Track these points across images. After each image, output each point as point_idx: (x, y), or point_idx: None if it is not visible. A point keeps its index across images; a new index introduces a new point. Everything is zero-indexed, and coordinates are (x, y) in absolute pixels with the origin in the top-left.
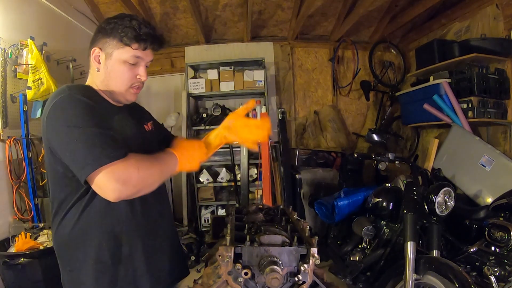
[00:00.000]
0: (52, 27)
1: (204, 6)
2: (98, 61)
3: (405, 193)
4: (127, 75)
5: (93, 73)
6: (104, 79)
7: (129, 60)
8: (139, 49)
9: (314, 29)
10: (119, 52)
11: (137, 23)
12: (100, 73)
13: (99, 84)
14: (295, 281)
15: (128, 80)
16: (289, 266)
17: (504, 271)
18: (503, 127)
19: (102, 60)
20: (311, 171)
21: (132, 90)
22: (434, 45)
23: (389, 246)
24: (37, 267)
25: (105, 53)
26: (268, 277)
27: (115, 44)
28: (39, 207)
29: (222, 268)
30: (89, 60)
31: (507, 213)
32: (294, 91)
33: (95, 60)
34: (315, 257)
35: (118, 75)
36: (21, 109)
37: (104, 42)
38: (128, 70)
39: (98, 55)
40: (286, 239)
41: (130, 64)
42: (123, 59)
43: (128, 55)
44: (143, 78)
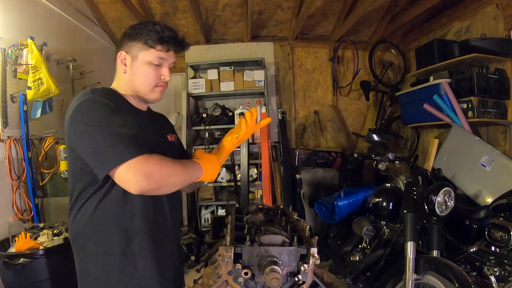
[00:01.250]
0: (52, 27)
1: (204, 6)
2: (124, 64)
3: (405, 193)
4: (152, 75)
5: (119, 76)
6: (131, 80)
7: (154, 61)
8: (163, 50)
9: (314, 29)
10: (144, 54)
11: (160, 27)
12: (127, 75)
13: (125, 86)
14: (295, 281)
15: (153, 80)
16: (289, 266)
17: (504, 271)
18: (503, 127)
19: (128, 62)
20: (311, 171)
21: (158, 88)
22: (434, 45)
23: (389, 246)
24: (37, 267)
25: (131, 56)
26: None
27: (140, 46)
28: (39, 207)
29: (222, 268)
30: (115, 64)
31: (507, 213)
32: (294, 91)
33: (121, 63)
34: (315, 257)
35: (143, 75)
36: (21, 109)
37: (129, 46)
38: (153, 70)
39: (125, 58)
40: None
41: (155, 65)
42: (148, 60)
43: (152, 56)
44: (167, 78)
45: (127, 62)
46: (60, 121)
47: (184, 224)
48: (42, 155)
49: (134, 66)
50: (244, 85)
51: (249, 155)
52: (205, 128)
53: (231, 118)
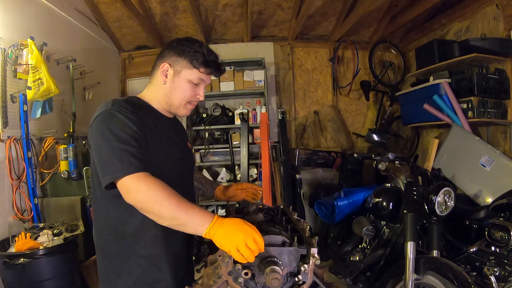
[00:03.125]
0: (52, 27)
1: (204, 6)
2: (165, 75)
3: (405, 193)
4: (189, 92)
5: (156, 85)
6: (169, 92)
7: (194, 80)
8: (205, 73)
9: (314, 29)
10: (187, 72)
11: (206, 50)
12: (166, 87)
13: (159, 97)
14: (295, 281)
15: (189, 97)
16: (289, 266)
17: (504, 271)
18: (503, 127)
19: (169, 75)
20: (311, 171)
21: (189, 105)
22: (434, 45)
23: (389, 246)
24: (37, 267)
25: (174, 70)
26: (268, 277)
27: (185, 64)
28: (39, 207)
29: (222, 269)
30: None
31: (507, 213)
32: (294, 91)
33: (163, 74)
34: (315, 257)
35: (181, 91)
36: (21, 109)
37: (174, 60)
38: (191, 88)
39: (167, 70)
40: (286, 239)
41: (194, 84)
42: (189, 79)
43: (194, 76)
44: (201, 98)
45: (168, 75)
46: (60, 121)
47: None
48: (42, 155)
49: (175, 80)
50: (244, 85)
51: (249, 155)
52: (205, 128)
53: (231, 118)
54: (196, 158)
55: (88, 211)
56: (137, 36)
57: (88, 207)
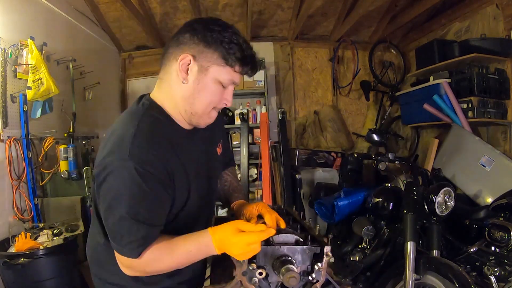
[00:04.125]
0: (52, 27)
1: (204, 6)
2: (186, 71)
3: (405, 193)
4: (218, 96)
5: (174, 85)
6: (191, 96)
7: (225, 81)
8: (240, 72)
9: (314, 29)
10: (218, 70)
11: (243, 41)
12: (187, 88)
13: (178, 101)
14: (309, 280)
15: (216, 102)
16: (302, 265)
17: (504, 271)
18: (503, 127)
19: (193, 72)
20: (311, 171)
21: (213, 112)
22: (434, 45)
23: (389, 246)
24: (37, 267)
25: (199, 65)
26: (286, 276)
27: (215, 59)
28: (39, 207)
29: (237, 269)
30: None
31: (507, 213)
32: (294, 91)
33: (182, 69)
34: (329, 255)
35: (208, 95)
36: (21, 109)
37: (200, 51)
38: (220, 91)
39: (188, 63)
40: (300, 238)
41: (222, 86)
42: (219, 79)
43: (227, 76)
44: (229, 104)
45: (191, 71)
46: (60, 121)
47: None
48: (42, 155)
49: (202, 80)
50: (244, 85)
51: (249, 155)
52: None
53: (231, 118)
54: None
55: (88, 211)
56: (137, 36)
57: (88, 207)
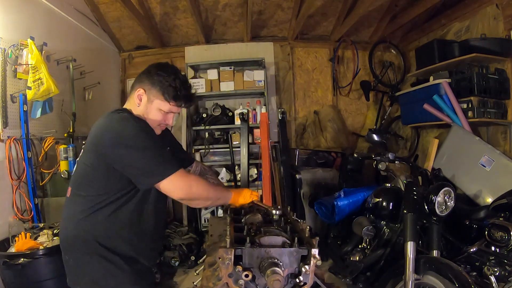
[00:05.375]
0: (52, 27)
1: (204, 6)
2: (139, 99)
3: (405, 193)
4: (159, 119)
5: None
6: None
7: (165, 110)
8: (175, 105)
9: (314, 29)
10: (159, 102)
11: (180, 83)
12: (140, 109)
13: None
14: (296, 282)
15: (158, 122)
16: (289, 267)
17: (504, 271)
18: (503, 127)
19: (143, 100)
20: (311, 171)
21: (159, 127)
22: (434, 45)
23: (389, 246)
24: (37, 267)
25: (147, 97)
26: (270, 279)
27: (157, 95)
28: (39, 207)
29: (222, 271)
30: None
31: (507, 213)
32: (294, 91)
33: (137, 98)
34: (316, 258)
35: (152, 117)
36: (21, 109)
37: (149, 88)
38: (161, 116)
39: (141, 95)
40: (287, 240)
41: (164, 112)
42: (160, 108)
43: (165, 107)
44: (170, 124)
45: (142, 100)
46: (60, 121)
47: (184, 224)
48: (42, 155)
49: (148, 107)
50: (244, 85)
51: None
52: (205, 128)
53: (231, 118)
54: (196, 158)
55: None
56: (137, 36)
57: None
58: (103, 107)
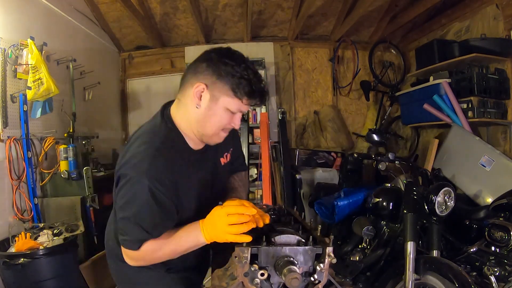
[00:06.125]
0: (52, 27)
1: (204, 6)
2: (199, 98)
3: (405, 193)
4: (226, 121)
5: (188, 106)
6: (202, 119)
7: (233, 110)
8: (248, 104)
9: (314, 29)
10: (227, 100)
11: (253, 75)
12: (199, 112)
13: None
14: (310, 280)
15: (224, 126)
16: (304, 265)
17: (504, 271)
18: (503, 127)
19: (205, 99)
20: (311, 171)
21: (223, 133)
22: (434, 45)
23: (389, 246)
24: (37, 267)
25: (211, 94)
26: (288, 277)
27: (226, 90)
28: (39, 207)
29: (238, 270)
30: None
31: (507, 213)
32: (294, 91)
33: (196, 96)
34: (331, 256)
35: (217, 120)
36: (21, 109)
37: (213, 82)
38: (228, 117)
39: (202, 91)
40: (301, 239)
41: (231, 112)
42: (228, 108)
43: (235, 106)
44: (236, 127)
45: (203, 98)
46: (60, 121)
47: None
48: (42, 155)
49: (212, 107)
50: None
51: (249, 155)
52: None
53: None
54: None
55: (88, 211)
56: (137, 36)
57: (88, 207)
58: (103, 107)
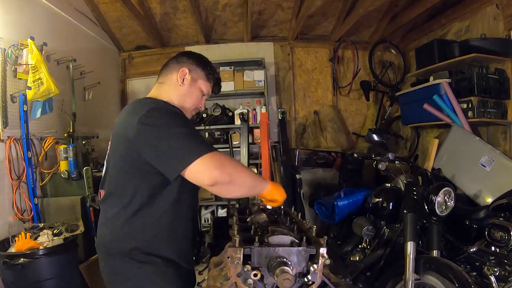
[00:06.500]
0: (52, 27)
1: (204, 6)
2: (182, 79)
3: (405, 193)
4: (199, 100)
5: (173, 86)
6: (184, 94)
7: (204, 91)
8: (211, 89)
9: (314, 29)
10: (202, 83)
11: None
12: (183, 88)
13: (176, 97)
14: (304, 281)
15: (196, 104)
16: (298, 266)
17: (504, 271)
18: (503, 127)
19: (187, 80)
20: (311, 171)
21: (193, 112)
22: (434, 45)
23: (389, 246)
24: (37, 267)
25: (191, 77)
26: (280, 278)
27: (202, 76)
28: (39, 207)
29: (231, 270)
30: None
31: (507, 213)
32: (294, 91)
33: (180, 77)
34: (325, 257)
35: (194, 97)
36: (21, 109)
37: (193, 69)
38: (200, 97)
39: (185, 74)
40: (295, 239)
41: (202, 94)
42: (201, 89)
43: (205, 88)
44: (202, 108)
45: (186, 79)
46: (60, 121)
47: None
48: (42, 155)
49: (192, 86)
50: (244, 85)
51: (249, 155)
52: (205, 128)
53: (231, 118)
54: None
55: (88, 211)
56: (137, 36)
57: (88, 207)
58: (103, 107)
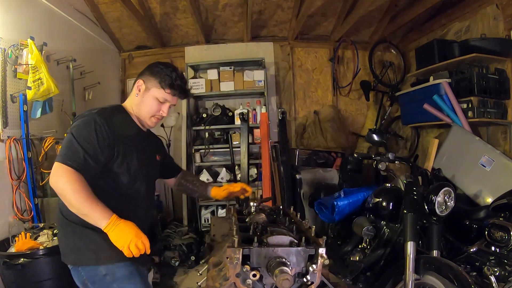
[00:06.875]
0: (52, 27)
1: (204, 6)
2: (138, 89)
3: (405, 193)
4: (154, 108)
5: (132, 96)
6: (138, 104)
7: (159, 98)
8: (170, 94)
9: (314, 29)
10: (155, 90)
11: (175, 75)
12: (137, 99)
13: (133, 106)
14: (303, 281)
15: (153, 112)
16: (297, 266)
17: (504, 271)
18: (503, 127)
19: (141, 90)
20: (311, 171)
21: (153, 118)
22: (434, 45)
23: (389, 246)
24: (37, 267)
25: (145, 86)
26: (279, 278)
27: (155, 83)
28: (39, 207)
29: (230, 271)
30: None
31: (507, 213)
32: (294, 91)
33: (137, 88)
34: (324, 257)
35: (148, 105)
36: (21, 109)
37: (148, 79)
38: (156, 104)
39: (141, 85)
40: (294, 240)
41: (159, 101)
42: (155, 96)
43: (160, 95)
44: (164, 114)
45: (141, 89)
46: (60, 121)
47: (184, 224)
48: (42, 155)
49: (145, 95)
50: (244, 85)
51: (249, 155)
52: (205, 128)
53: (231, 118)
54: (196, 158)
55: None
56: (137, 36)
57: None
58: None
